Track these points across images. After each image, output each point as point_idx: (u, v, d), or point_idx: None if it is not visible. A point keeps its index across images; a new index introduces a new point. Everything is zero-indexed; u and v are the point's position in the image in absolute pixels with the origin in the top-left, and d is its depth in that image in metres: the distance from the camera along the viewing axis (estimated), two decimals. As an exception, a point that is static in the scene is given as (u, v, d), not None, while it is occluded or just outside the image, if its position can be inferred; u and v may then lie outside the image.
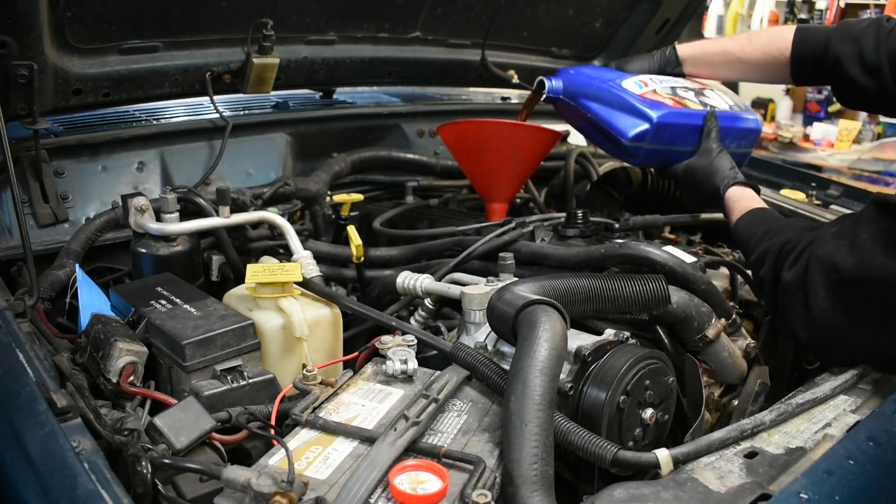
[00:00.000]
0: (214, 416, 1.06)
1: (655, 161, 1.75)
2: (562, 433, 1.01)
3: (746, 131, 1.78)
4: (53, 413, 0.97)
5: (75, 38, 1.70)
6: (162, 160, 1.97)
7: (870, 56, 1.46)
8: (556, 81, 1.78)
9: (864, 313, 1.18)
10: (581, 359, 1.13)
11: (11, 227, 1.67)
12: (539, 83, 1.80)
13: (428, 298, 1.51)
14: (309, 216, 2.09)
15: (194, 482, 0.97)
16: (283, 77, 2.08)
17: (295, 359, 1.35)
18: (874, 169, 5.25)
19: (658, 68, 1.80)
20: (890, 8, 5.29)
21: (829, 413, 1.11)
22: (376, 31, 2.21)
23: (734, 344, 1.43)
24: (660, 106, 1.65)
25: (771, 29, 3.75)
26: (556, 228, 1.70)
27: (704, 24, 6.24)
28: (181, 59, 1.92)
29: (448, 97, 2.74)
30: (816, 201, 2.14)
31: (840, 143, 5.76)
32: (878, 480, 0.98)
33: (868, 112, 3.43)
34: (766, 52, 1.66)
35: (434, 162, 2.37)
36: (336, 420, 1.04)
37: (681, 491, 0.90)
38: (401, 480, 0.90)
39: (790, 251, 1.27)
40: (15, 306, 1.29)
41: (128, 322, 1.30)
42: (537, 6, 2.41)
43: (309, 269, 1.51)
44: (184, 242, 1.59)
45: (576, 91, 1.76)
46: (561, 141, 2.55)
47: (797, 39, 1.62)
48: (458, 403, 1.10)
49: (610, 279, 1.26)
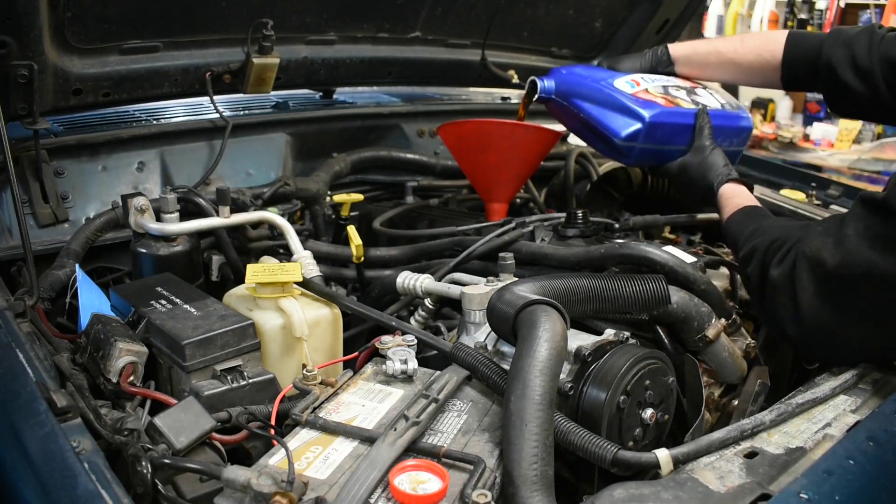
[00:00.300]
0: (214, 416, 1.06)
1: (649, 160, 1.75)
2: (562, 433, 1.01)
3: (738, 129, 1.78)
4: (53, 413, 0.97)
5: (75, 38, 1.70)
6: (162, 160, 1.97)
7: (862, 61, 1.47)
8: (548, 81, 1.78)
9: (850, 309, 1.18)
10: (581, 359, 1.13)
11: (11, 227, 1.67)
12: (531, 84, 1.80)
13: (428, 298, 1.51)
14: (309, 216, 2.09)
15: (194, 482, 0.97)
16: (283, 77, 2.08)
17: (295, 359, 1.35)
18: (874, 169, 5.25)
19: (650, 67, 1.80)
20: (890, 8, 5.30)
21: (829, 413, 1.11)
22: (376, 31, 2.21)
23: (734, 344, 1.43)
24: (652, 105, 1.65)
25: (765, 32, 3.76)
26: (556, 228, 1.71)
27: (704, 24, 6.24)
28: (181, 59, 1.92)
29: (448, 97, 2.74)
30: (816, 201, 2.14)
31: (840, 143, 5.76)
32: (878, 480, 0.98)
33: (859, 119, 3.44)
34: (758, 54, 1.67)
35: (434, 162, 2.37)
36: (336, 420, 1.04)
37: (681, 491, 0.90)
38: (401, 480, 0.90)
39: (778, 249, 1.27)
40: (15, 306, 1.29)
41: (128, 322, 1.30)
42: (537, 6, 2.41)
43: (309, 269, 1.51)
44: (184, 242, 1.59)
45: (568, 91, 1.76)
46: (561, 141, 2.55)
47: (789, 43, 1.62)
48: (458, 403, 1.10)
49: (610, 279, 1.26)
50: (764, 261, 1.29)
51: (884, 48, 1.45)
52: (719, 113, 1.73)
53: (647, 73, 1.78)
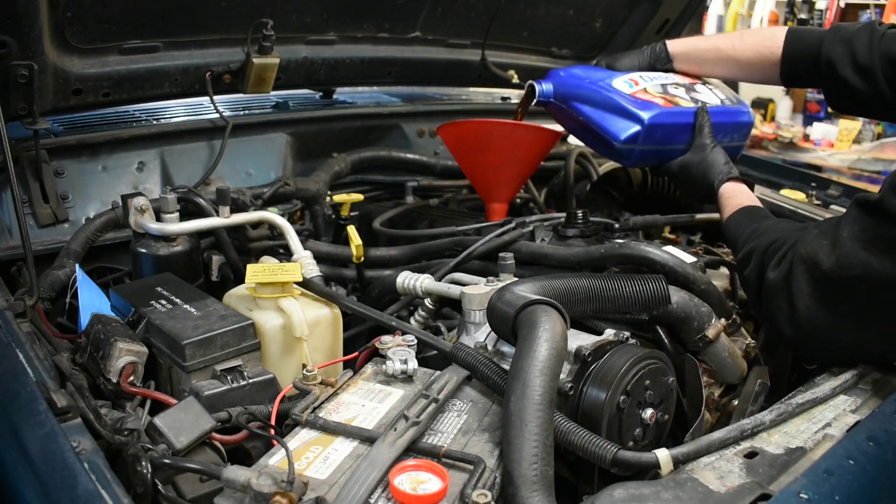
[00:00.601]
0: (214, 416, 1.06)
1: (649, 161, 1.75)
2: (562, 433, 1.01)
3: (739, 125, 1.78)
4: (53, 413, 0.97)
5: (75, 38, 1.70)
6: (162, 160, 1.97)
7: (862, 57, 1.47)
8: (546, 85, 1.77)
9: (846, 311, 1.18)
10: (581, 359, 1.13)
11: (11, 227, 1.67)
12: (529, 88, 1.79)
13: (428, 298, 1.51)
14: (309, 216, 2.09)
15: (194, 482, 0.97)
16: (283, 77, 2.08)
17: (295, 359, 1.35)
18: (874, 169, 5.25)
19: (648, 65, 1.80)
20: (890, 8, 5.30)
21: (829, 413, 1.11)
22: (376, 31, 2.21)
23: (734, 344, 1.43)
24: (651, 106, 1.64)
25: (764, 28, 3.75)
26: (556, 228, 1.70)
27: (704, 24, 6.24)
28: (181, 59, 1.92)
29: (448, 97, 2.74)
30: (816, 201, 2.14)
31: (840, 143, 5.76)
32: (878, 480, 0.98)
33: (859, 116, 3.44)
34: (757, 50, 1.66)
35: (434, 162, 2.37)
36: (336, 420, 1.04)
37: (681, 491, 0.90)
38: (401, 480, 0.90)
39: (776, 251, 1.27)
40: (15, 306, 1.29)
41: (128, 322, 1.30)
42: (537, 6, 2.41)
43: (309, 269, 1.51)
44: (184, 242, 1.59)
45: (566, 94, 1.75)
46: (561, 141, 2.55)
47: (789, 40, 1.61)
48: (458, 403, 1.10)
49: (610, 279, 1.26)
50: (762, 263, 1.29)
51: (884, 45, 1.45)
52: (719, 109, 1.72)
53: (645, 70, 1.78)
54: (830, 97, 1.61)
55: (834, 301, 1.18)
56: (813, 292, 1.19)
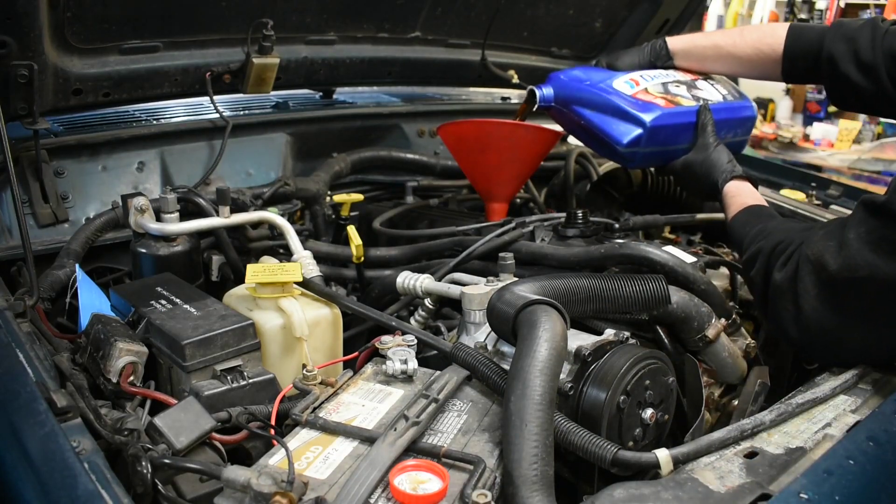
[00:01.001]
0: (214, 416, 1.06)
1: (653, 162, 1.74)
2: (562, 433, 1.01)
3: (742, 120, 1.77)
4: (53, 413, 0.97)
5: (75, 38, 1.70)
6: (162, 160, 1.97)
7: (865, 55, 1.45)
8: (547, 89, 1.76)
9: (852, 313, 1.18)
10: (581, 359, 1.13)
11: (11, 227, 1.67)
12: (530, 93, 1.78)
13: (428, 298, 1.51)
14: (309, 216, 2.09)
15: (194, 482, 0.97)
16: (283, 77, 2.08)
17: (295, 359, 1.35)
18: (874, 169, 5.26)
19: (648, 62, 1.78)
20: (890, 8, 5.30)
21: (829, 413, 1.11)
22: (376, 31, 2.21)
23: (734, 344, 1.43)
24: (652, 108, 1.63)
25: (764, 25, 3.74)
26: (556, 228, 1.70)
27: (704, 23, 6.24)
28: (181, 59, 1.92)
29: (448, 97, 2.74)
30: (816, 201, 2.13)
31: (840, 143, 5.76)
32: (878, 480, 0.98)
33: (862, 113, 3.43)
34: (758, 47, 1.65)
35: (434, 162, 2.37)
36: (336, 420, 1.04)
37: (681, 491, 0.90)
38: (401, 480, 0.90)
39: (782, 252, 1.27)
40: (15, 306, 1.29)
41: (128, 322, 1.30)
42: (537, 6, 2.41)
43: (309, 269, 1.51)
44: (184, 242, 1.59)
45: (567, 98, 1.74)
46: (561, 141, 2.55)
47: (790, 37, 1.60)
48: (458, 403, 1.10)
49: (610, 279, 1.26)
50: (768, 264, 1.29)
51: (887, 42, 1.43)
52: (721, 106, 1.72)
53: (646, 67, 1.77)
54: (832, 94, 1.60)
55: (840, 302, 1.18)
56: (819, 293, 1.19)
